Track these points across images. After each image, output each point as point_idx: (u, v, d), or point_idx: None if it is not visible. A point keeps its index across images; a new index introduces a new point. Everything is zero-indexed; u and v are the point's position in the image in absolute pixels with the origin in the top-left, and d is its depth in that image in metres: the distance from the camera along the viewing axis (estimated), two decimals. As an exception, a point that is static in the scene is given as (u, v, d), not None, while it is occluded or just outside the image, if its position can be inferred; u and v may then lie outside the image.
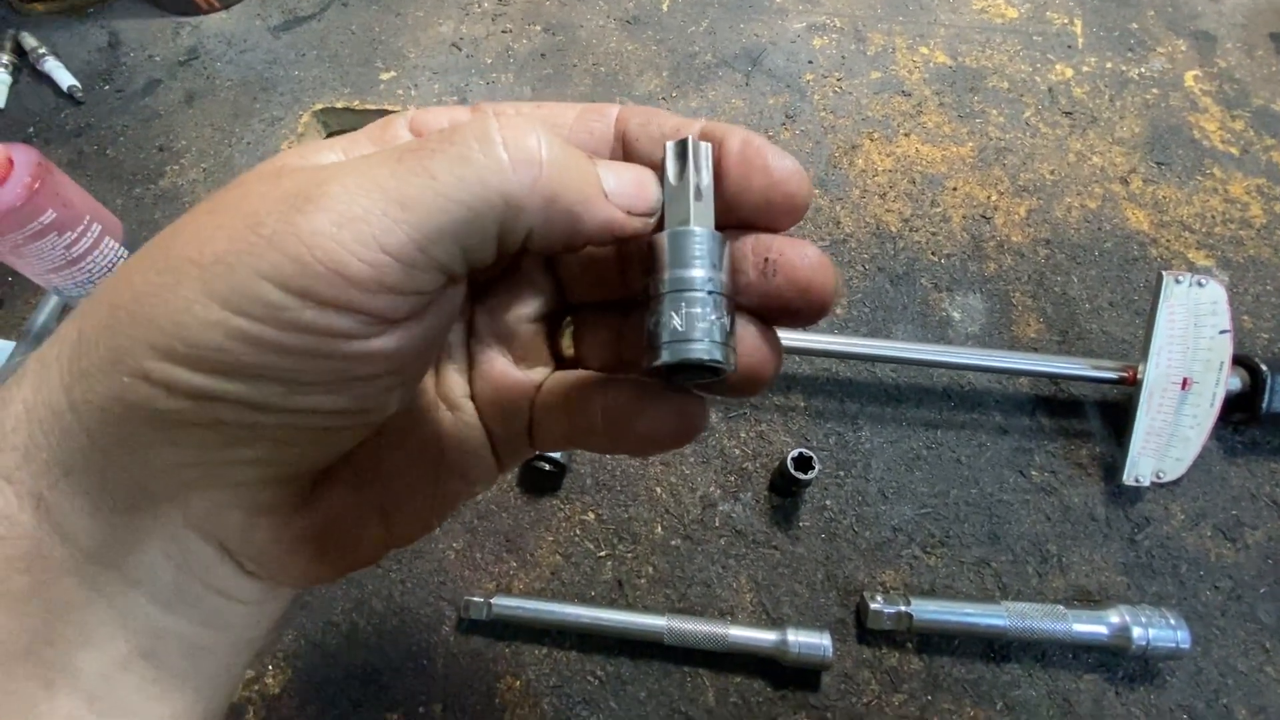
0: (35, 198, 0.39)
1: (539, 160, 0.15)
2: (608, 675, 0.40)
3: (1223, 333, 0.44)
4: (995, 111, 0.65)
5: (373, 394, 0.16)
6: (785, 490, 0.45)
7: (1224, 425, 0.48)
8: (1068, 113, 0.65)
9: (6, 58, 0.65)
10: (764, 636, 0.39)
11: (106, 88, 0.65)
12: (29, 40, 0.66)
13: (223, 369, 0.14)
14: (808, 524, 0.45)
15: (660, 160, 0.18)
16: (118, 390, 0.14)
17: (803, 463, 0.42)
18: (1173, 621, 0.39)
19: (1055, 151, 0.62)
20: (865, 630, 0.41)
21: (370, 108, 0.64)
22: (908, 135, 0.63)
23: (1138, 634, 0.39)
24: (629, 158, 0.19)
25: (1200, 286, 0.45)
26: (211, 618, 0.18)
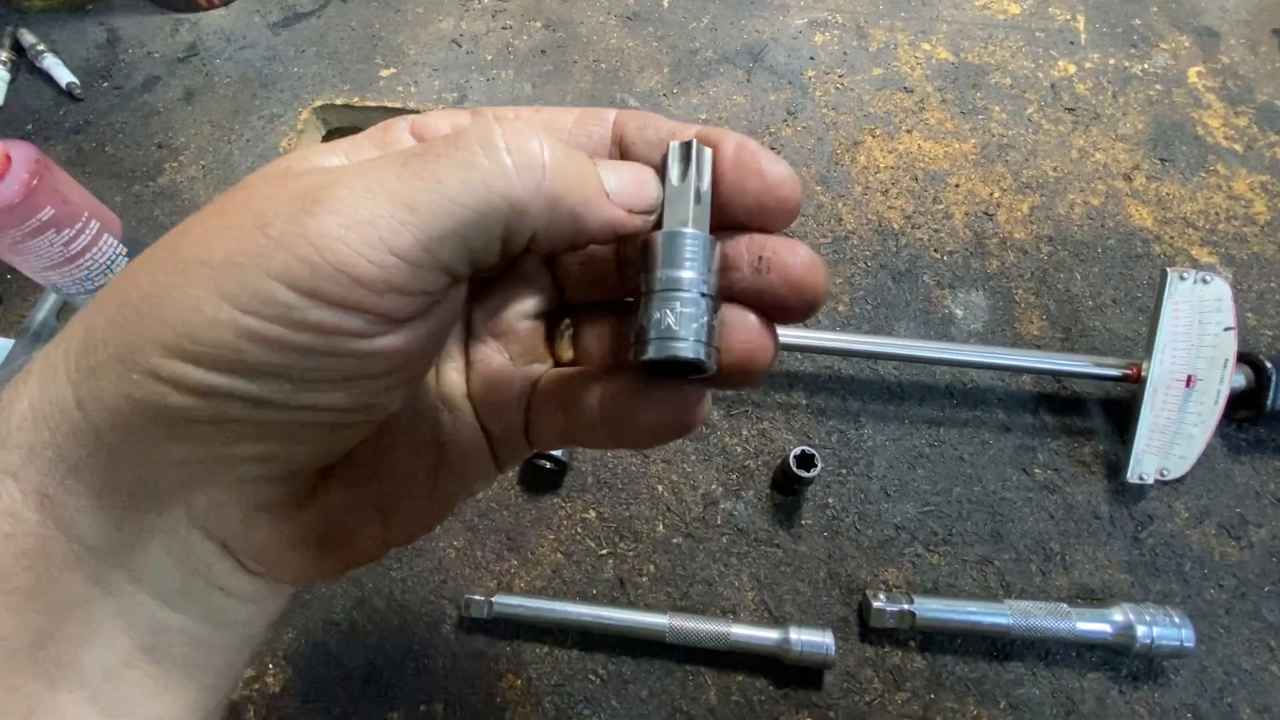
0: (33, 195, 0.39)
1: (542, 163, 0.15)
2: (609, 674, 0.40)
3: (1227, 330, 0.44)
4: (998, 108, 0.64)
5: (378, 391, 0.16)
6: (787, 488, 0.45)
7: (1228, 423, 0.48)
8: (1070, 109, 0.64)
9: (5, 54, 0.64)
10: (766, 635, 0.39)
11: (105, 85, 0.65)
12: (27, 37, 0.66)
13: (232, 367, 0.14)
14: (810, 522, 0.45)
15: (659, 162, 0.18)
16: (127, 387, 0.14)
17: (805, 460, 0.42)
18: (1177, 620, 0.39)
19: (1058, 148, 0.62)
20: (868, 629, 0.41)
21: (370, 104, 0.64)
22: (910, 132, 0.63)
23: (1142, 632, 0.39)
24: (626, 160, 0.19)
25: (1205, 284, 0.44)
26: (213, 614, 0.18)
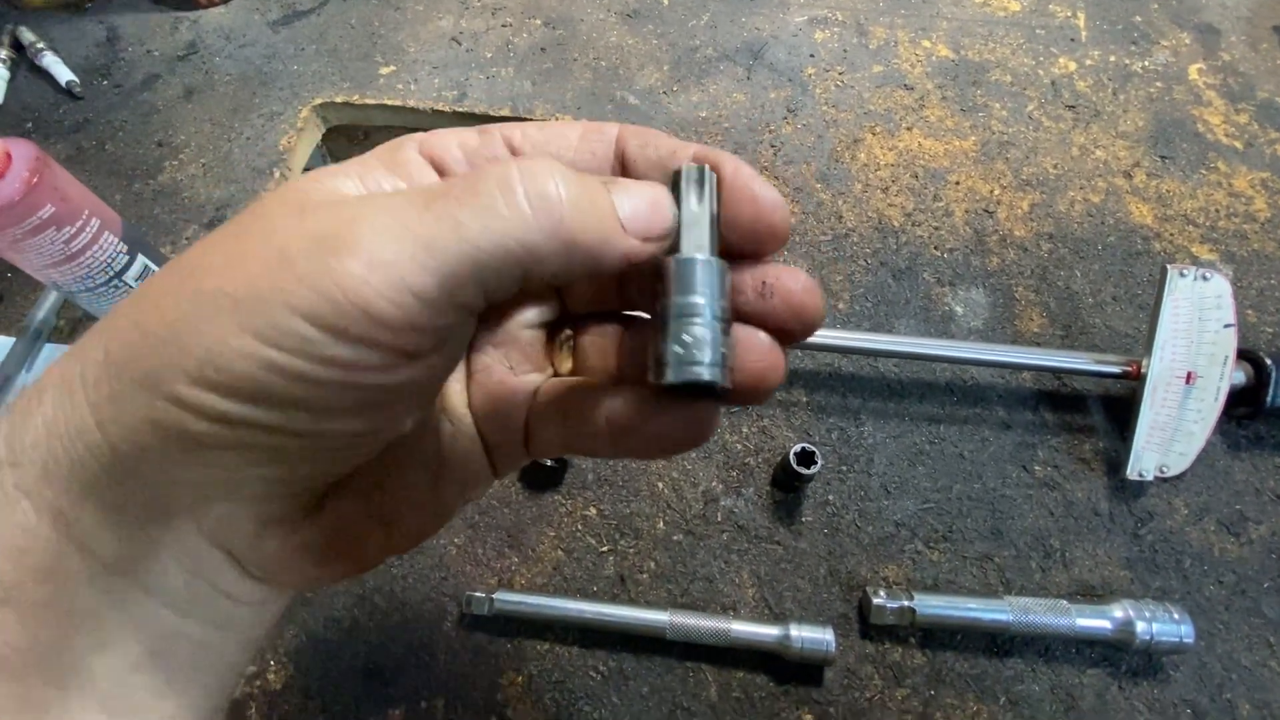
0: (33, 193, 0.39)
1: (559, 209, 0.15)
2: (610, 670, 0.40)
3: (1227, 327, 0.44)
4: (998, 105, 0.64)
5: (394, 416, 0.18)
6: (788, 485, 0.45)
7: (1228, 420, 0.48)
8: (1071, 106, 0.64)
9: (4, 53, 0.64)
10: (767, 631, 0.39)
11: (105, 83, 0.65)
12: (27, 35, 0.66)
13: (253, 396, 0.15)
14: (810, 519, 0.45)
15: (666, 180, 0.18)
16: (150, 412, 0.15)
17: (805, 458, 0.42)
18: (1176, 616, 0.39)
19: (1058, 145, 0.62)
20: (868, 625, 0.41)
21: (370, 102, 0.64)
22: (910, 129, 0.63)
23: (1141, 628, 0.39)
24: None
25: (1205, 280, 0.44)
26: (218, 619, 0.19)
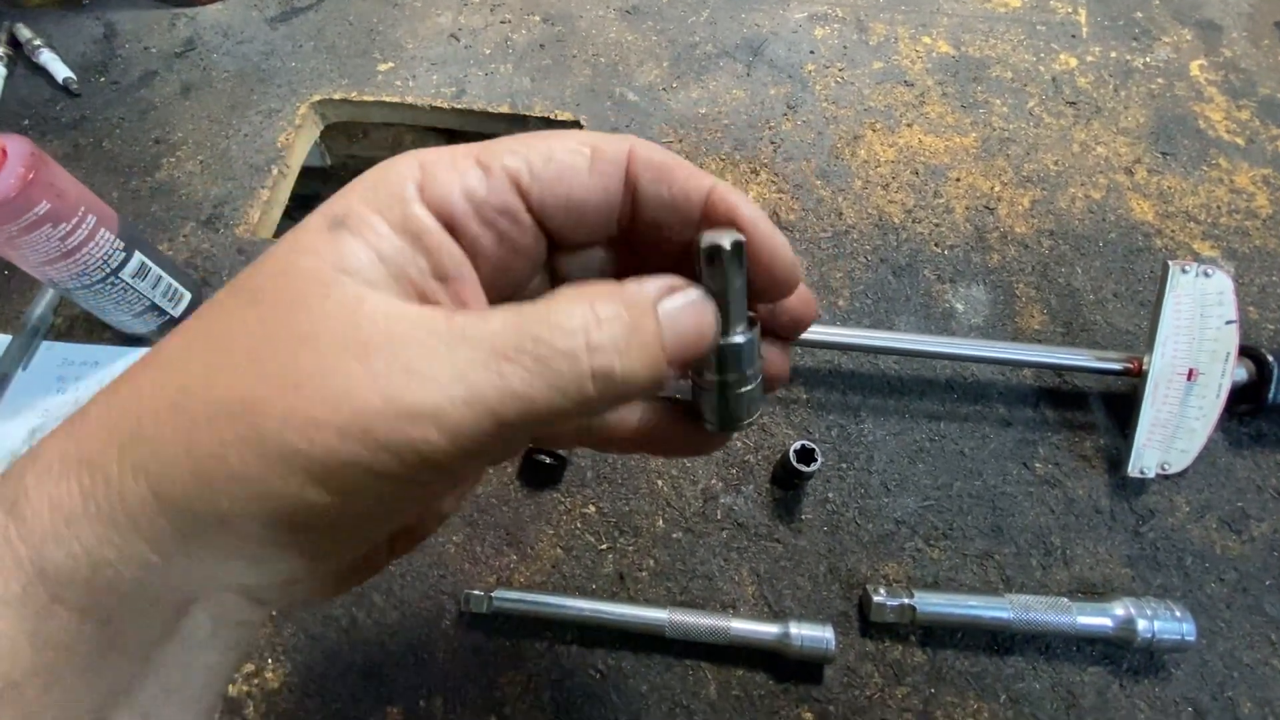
0: (29, 189, 0.39)
1: (616, 375, 0.16)
2: (609, 669, 0.40)
3: (1229, 323, 0.44)
4: (998, 101, 0.64)
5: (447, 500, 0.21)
6: (787, 483, 0.44)
7: (1230, 417, 0.48)
8: (1072, 103, 0.64)
9: (1, 50, 0.64)
10: (766, 629, 0.39)
11: (102, 80, 0.64)
12: (24, 32, 0.65)
13: (316, 529, 0.16)
14: (810, 517, 0.45)
15: (697, 259, 0.18)
16: (221, 553, 0.16)
17: (805, 455, 0.42)
18: (1178, 614, 0.39)
19: (1059, 142, 0.62)
20: (868, 623, 0.41)
21: (368, 99, 0.64)
22: (910, 126, 0.62)
23: (1143, 626, 0.39)
24: (638, 214, 0.19)
25: (1207, 277, 0.44)
26: (231, 643, 0.20)
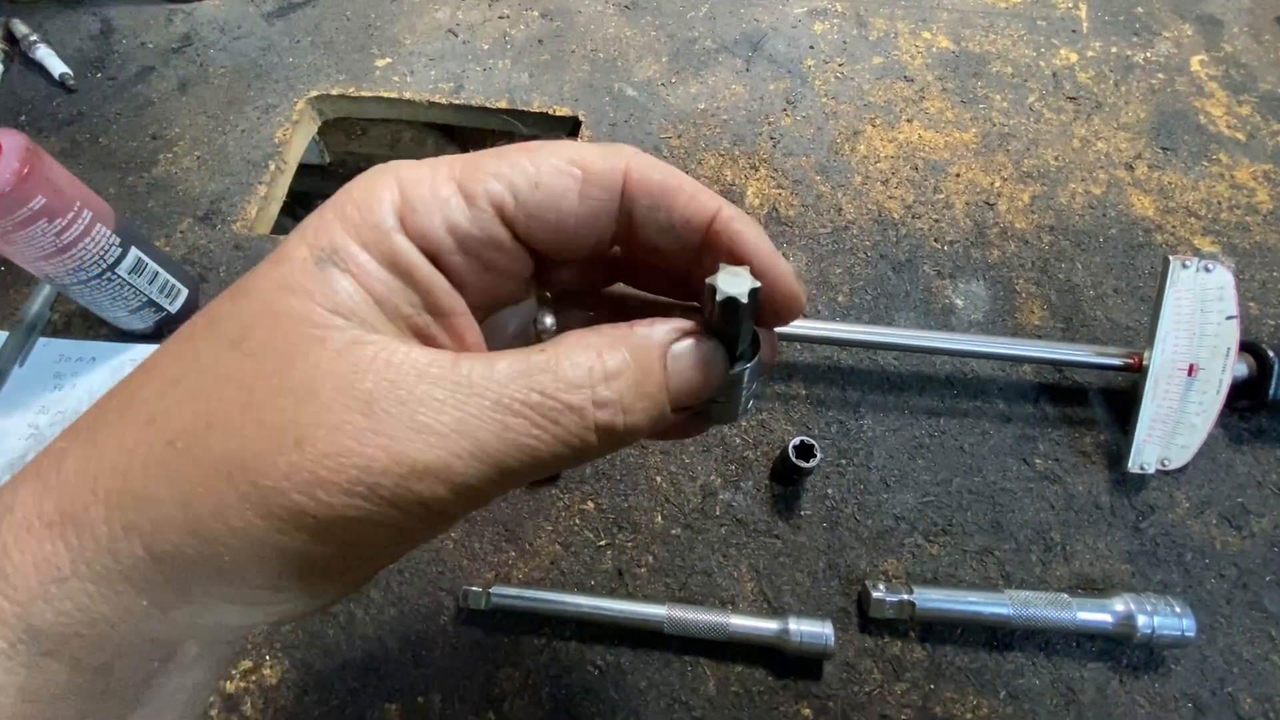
0: (24, 184, 0.38)
1: (620, 428, 0.17)
2: (607, 665, 0.40)
3: (1230, 318, 0.44)
4: (999, 97, 0.64)
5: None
6: (786, 479, 0.44)
7: (1230, 412, 0.48)
8: (1072, 98, 0.64)
9: (-3, 45, 0.64)
10: (765, 625, 0.39)
11: (99, 75, 0.64)
12: (20, 28, 0.65)
13: (310, 575, 0.16)
14: (809, 513, 0.44)
15: (708, 305, 0.17)
16: (221, 598, 0.16)
17: (804, 451, 0.42)
18: (1178, 609, 0.39)
19: (1059, 137, 0.61)
20: (867, 619, 0.41)
21: (366, 95, 0.64)
22: (910, 121, 0.62)
23: (1143, 622, 0.39)
24: (634, 235, 0.19)
25: (1207, 272, 0.44)
26: (216, 661, 0.19)
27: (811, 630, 0.38)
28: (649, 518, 0.44)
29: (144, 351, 0.50)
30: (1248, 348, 0.46)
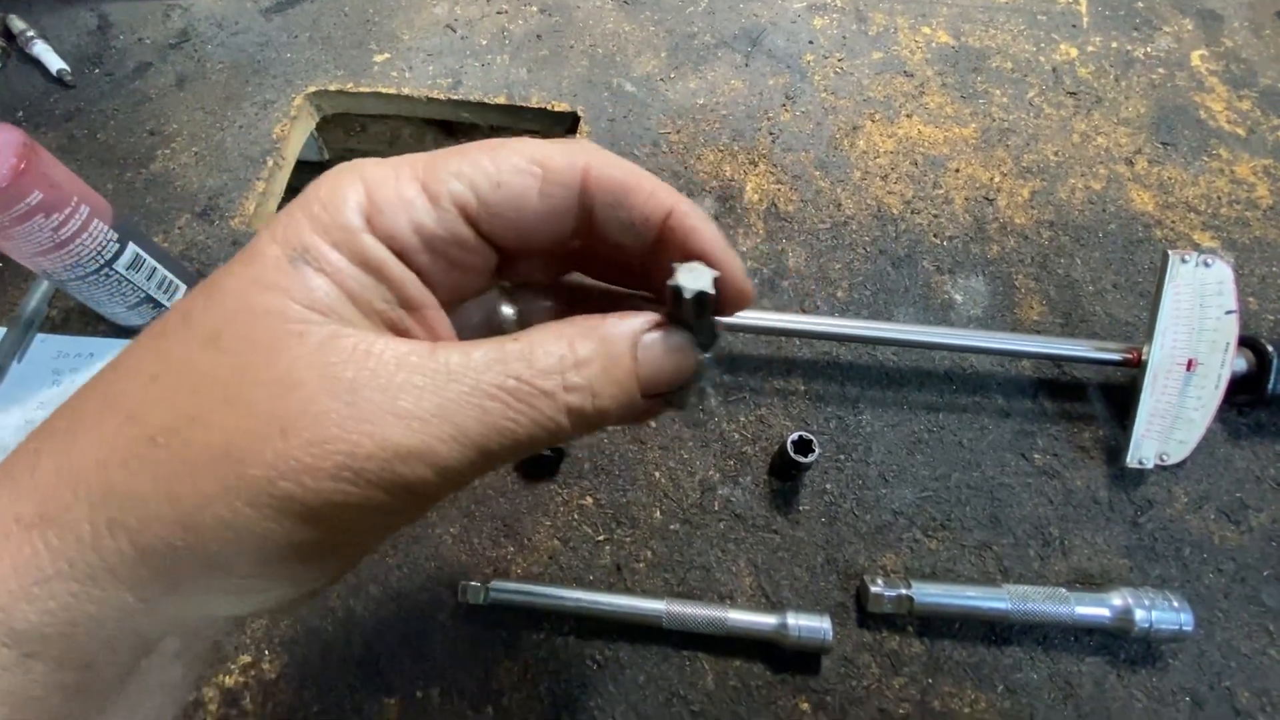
0: (21, 179, 0.38)
1: (590, 411, 0.17)
2: (606, 659, 0.40)
3: (1229, 313, 0.44)
4: (998, 92, 0.64)
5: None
6: (785, 474, 0.44)
7: (1229, 407, 0.48)
8: (1072, 93, 0.64)
9: (-6, 41, 0.64)
10: (763, 620, 0.39)
11: (96, 71, 0.64)
12: (17, 23, 0.65)
13: (299, 561, 0.16)
14: (807, 508, 0.44)
15: (669, 301, 0.18)
16: (207, 591, 0.16)
17: (802, 446, 0.42)
18: (1176, 604, 0.39)
19: (1059, 132, 0.61)
20: (865, 614, 0.41)
21: (364, 90, 0.63)
22: (910, 116, 0.62)
23: (1140, 616, 0.39)
24: (594, 229, 0.19)
25: (1206, 266, 0.44)
26: (196, 656, 0.20)
27: (809, 625, 0.38)
28: (648, 513, 0.44)
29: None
30: (1247, 343, 0.46)
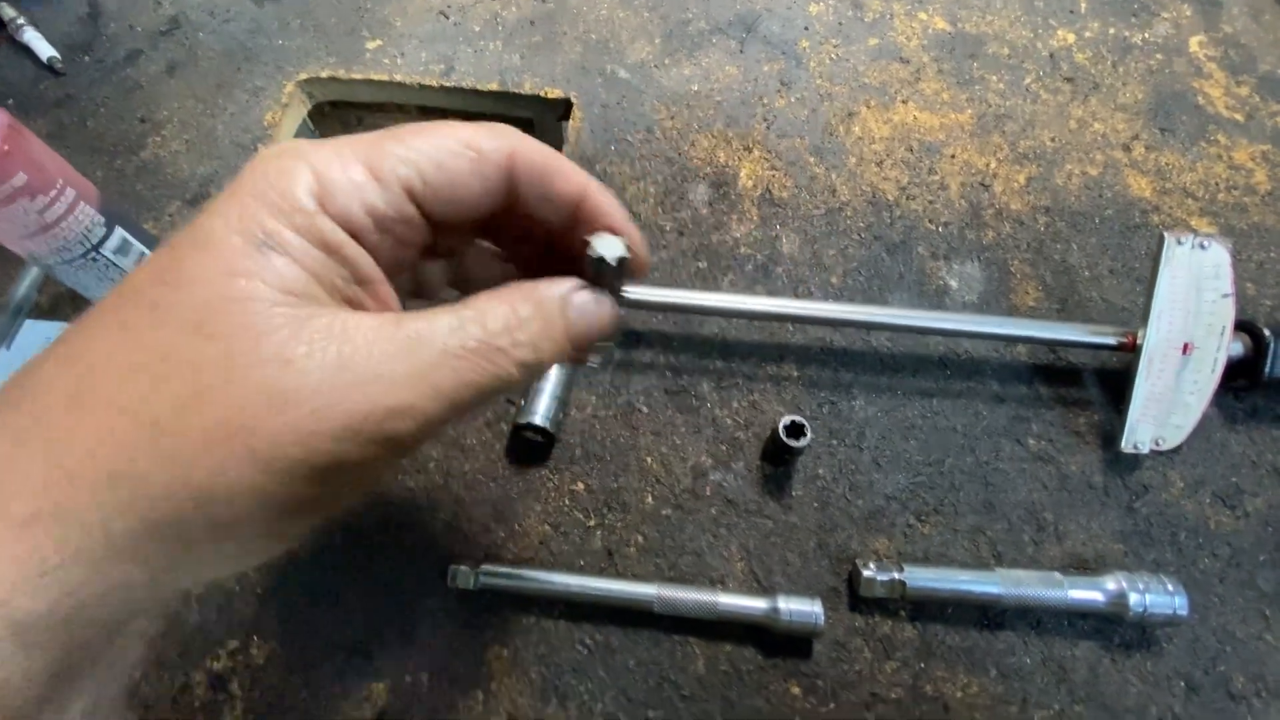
0: (5, 161, 0.38)
1: (532, 361, 0.20)
2: (596, 644, 0.40)
3: (1225, 296, 0.43)
4: (995, 78, 0.63)
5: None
6: (777, 459, 0.44)
7: (1225, 392, 0.47)
8: (1069, 79, 0.63)
9: (-16, 28, 0.63)
10: (755, 604, 0.39)
11: (87, 59, 0.64)
12: (7, 10, 0.64)
13: (302, 514, 0.18)
14: (800, 493, 0.44)
15: (589, 265, 0.22)
16: (218, 557, 0.18)
17: (795, 430, 0.42)
18: (1170, 588, 0.39)
19: (1056, 118, 0.61)
20: (858, 598, 0.41)
21: (356, 77, 0.63)
22: (905, 102, 0.62)
23: (1135, 600, 0.38)
24: (518, 205, 0.22)
25: (1203, 249, 0.44)
26: (146, 631, 0.22)
27: (801, 609, 0.38)
28: (639, 498, 0.44)
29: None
30: (1243, 326, 0.46)
